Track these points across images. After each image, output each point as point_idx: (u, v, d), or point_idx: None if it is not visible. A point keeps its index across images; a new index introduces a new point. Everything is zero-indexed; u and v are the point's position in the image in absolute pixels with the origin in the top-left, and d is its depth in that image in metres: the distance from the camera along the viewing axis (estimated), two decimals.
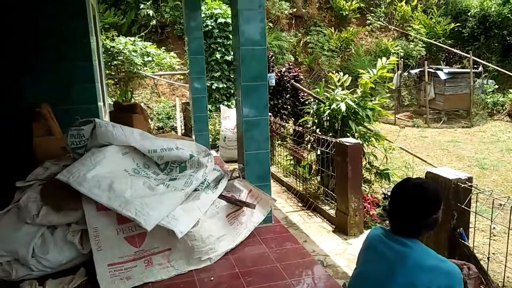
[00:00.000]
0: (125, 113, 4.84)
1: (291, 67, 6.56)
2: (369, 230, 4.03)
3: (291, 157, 5.95)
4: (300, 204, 4.99)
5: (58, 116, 4.83)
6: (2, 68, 4.85)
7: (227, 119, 7.25)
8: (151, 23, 12.02)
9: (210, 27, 8.52)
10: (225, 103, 8.73)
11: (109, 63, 9.41)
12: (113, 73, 10.00)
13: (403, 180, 1.77)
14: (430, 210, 1.66)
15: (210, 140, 6.77)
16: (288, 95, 6.33)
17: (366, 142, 4.57)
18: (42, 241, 2.77)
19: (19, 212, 2.86)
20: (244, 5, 3.21)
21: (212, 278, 2.79)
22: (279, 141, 6.44)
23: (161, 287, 2.69)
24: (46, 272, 2.74)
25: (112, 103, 7.26)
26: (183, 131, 9.10)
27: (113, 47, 9.33)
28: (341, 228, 4.11)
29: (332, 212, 4.40)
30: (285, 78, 6.41)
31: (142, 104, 9.36)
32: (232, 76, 8.84)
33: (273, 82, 5.99)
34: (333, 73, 5.11)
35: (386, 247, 1.72)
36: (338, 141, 3.96)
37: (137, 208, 2.66)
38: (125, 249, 2.78)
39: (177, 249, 2.88)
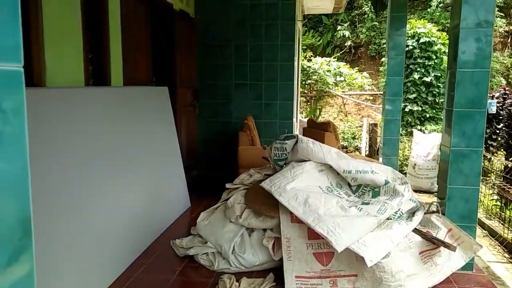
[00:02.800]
0: (318, 130, 4.99)
1: (507, 92, 5.62)
2: None
3: (498, 197, 5.07)
4: (506, 255, 4.19)
5: (258, 128, 5.39)
6: (226, 84, 5.75)
7: (419, 145, 6.71)
8: (346, 44, 12.25)
9: (411, 47, 8.11)
10: (418, 127, 8.12)
11: (304, 82, 9.98)
12: (306, 91, 10.56)
13: None
14: None
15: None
16: (501, 125, 5.43)
17: None
18: (241, 240, 3.06)
19: (226, 210, 3.24)
20: (468, 23, 2.88)
21: None
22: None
23: None
24: (241, 270, 3.01)
25: (303, 119, 7.66)
26: (367, 152, 8.87)
27: (309, 67, 9.85)
28: None
29: None
30: (498, 105, 5.53)
31: None
32: (429, 99, 8.17)
33: (493, 110, 5.23)
34: None
35: None
36: None
37: (329, 227, 2.66)
38: (312, 264, 2.82)
39: (364, 278, 2.75)
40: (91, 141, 2.87)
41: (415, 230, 2.98)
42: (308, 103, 11.05)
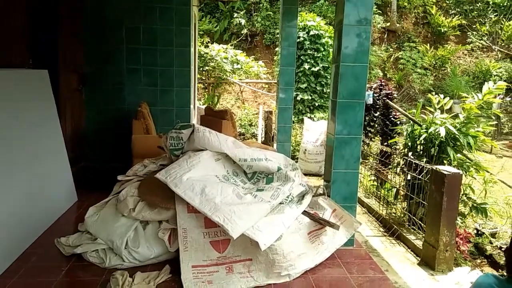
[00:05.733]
0: (216, 118, 5.01)
1: (383, 84, 6.28)
2: (460, 268, 3.70)
3: (375, 178, 5.68)
4: (381, 229, 4.73)
5: (154, 116, 5.20)
6: (118, 69, 5.38)
7: (309, 132, 7.17)
8: (242, 32, 12.42)
9: (302, 38, 8.55)
10: (308, 115, 8.66)
11: (201, 68, 9.88)
12: (203, 78, 10.48)
13: None
14: None
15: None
16: (377, 113, 6.07)
17: (465, 172, 4.19)
18: (135, 234, 2.94)
19: (118, 204, 3.07)
20: (350, 20, 3.12)
21: None
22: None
23: None
24: (135, 265, 2.90)
25: (201, 106, 7.60)
26: (263, 139, 9.19)
27: (207, 53, 9.78)
28: (428, 262, 3.80)
29: (418, 243, 4.09)
30: (375, 95, 6.17)
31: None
32: (318, 89, 8.75)
33: (370, 101, 5.77)
34: (425, 92, 4.79)
35: None
36: (434, 168, 3.68)
37: (225, 215, 2.70)
38: (209, 253, 2.85)
39: (258, 261, 2.88)
40: None
41: (304, 212, 3.20)
42: (206, 90, 11.00)
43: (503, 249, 4.07)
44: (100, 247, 2.93)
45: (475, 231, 4.56)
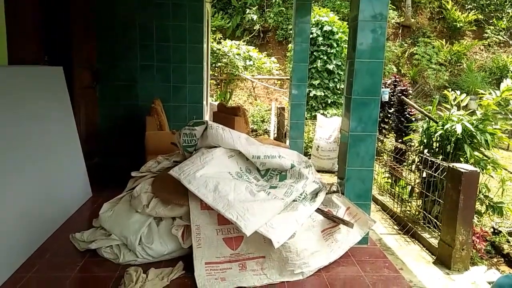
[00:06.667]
0: (228, 115, 5.00)
1: (397, 80, 6.19)
2: (476, 267, 3.64)
3: (389, 175, 5.62)
4: (396, 227, 4.68)
5: (167, 112, 5.22)
6: (131, 66, 5.41)
7: (322, 128, 7.12)
8: (255, 28, 12.38)
9: (315, 34, 8.46)
10: (321, 111, 8.60)
11: (213, 65, 9.88)
12: (216, 74, 10.48)
13: None
14: None
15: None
16: (392, 109, 5.99)
17: (482, 170, 4.11)
18: (149, 230, 2.95)
19: (132, 200, 3.09)
20: (365, 16, 3.07)
21: None
22: None
23: None
24: (148, 261, 2.91)
25: (213, 103, 7.60)
26: (275, 135, 9.17)
27: (219, 49, 9.77)
28: (443, 261, 3.74)
29: (433, 241, 4.03)
30: (390, 91, 6.09)
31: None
32: (331, 85, 8.67)
33: (386, 98, 5.69)
34: (440, 88, 4.70)
35: None
36: (451, 166, 3.61)
37: (238, 212, 2.69)
38: (222, 249, 2.84)
39: (271, 258, 2.86)
40: None
41: (318, 210, 3.17)
42: (219, 86, 11.01)
43: None
44: (114, 243, 2.95)
45: (491, 230, 4.48)
